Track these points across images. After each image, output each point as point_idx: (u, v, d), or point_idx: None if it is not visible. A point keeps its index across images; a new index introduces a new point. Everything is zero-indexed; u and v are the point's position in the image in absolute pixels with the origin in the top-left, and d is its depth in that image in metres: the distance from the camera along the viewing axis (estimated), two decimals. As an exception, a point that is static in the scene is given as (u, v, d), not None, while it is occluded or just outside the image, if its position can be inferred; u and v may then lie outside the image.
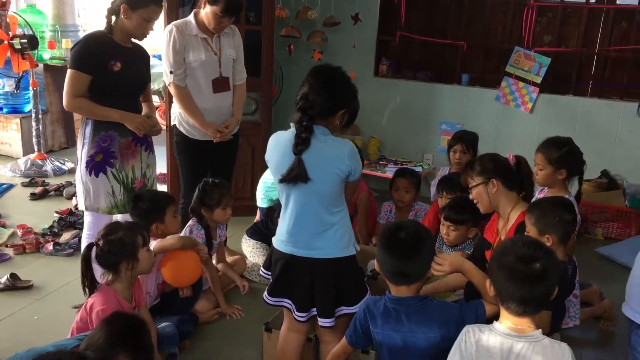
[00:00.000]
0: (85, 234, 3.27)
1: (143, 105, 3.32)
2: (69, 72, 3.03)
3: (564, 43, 5.36)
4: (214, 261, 3.58)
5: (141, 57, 3.26)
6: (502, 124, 5.32)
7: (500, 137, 5.28)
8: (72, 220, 4.43)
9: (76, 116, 6.21)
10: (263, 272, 2.55)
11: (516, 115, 5.26)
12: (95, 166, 3.11)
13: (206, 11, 3.36)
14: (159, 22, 3.20)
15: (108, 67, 3.03)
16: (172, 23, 3.48)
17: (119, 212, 3.23)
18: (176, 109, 3.60)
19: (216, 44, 3.49)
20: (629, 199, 4.76)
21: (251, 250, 3.93)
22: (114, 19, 3.06)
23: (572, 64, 5.37)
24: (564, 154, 3.06)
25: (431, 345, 2.01)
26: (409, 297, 2.04)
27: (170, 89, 3.53)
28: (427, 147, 5.61)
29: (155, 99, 5.87)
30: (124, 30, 3.07)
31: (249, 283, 3.66)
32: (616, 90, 5.24)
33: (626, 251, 4.16)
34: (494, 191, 2.68)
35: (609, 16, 5.18)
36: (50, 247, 4.00)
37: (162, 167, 4.61)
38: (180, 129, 3.60)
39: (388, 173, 5.01)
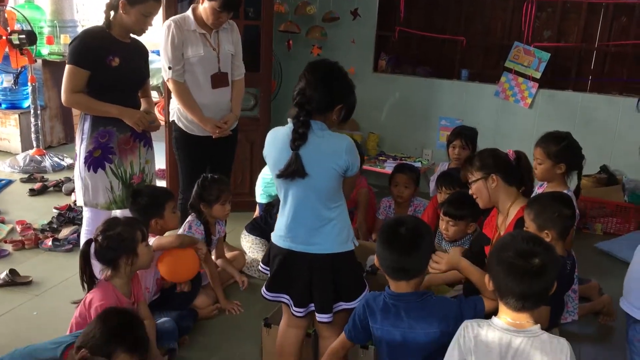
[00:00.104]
0: (84, 229, 3.27)
1: (142, 100, 3.31)
2: (67, 68, 3.02)
3: (564, 38, 5.35)
4: (213, 257, 3.58)
5: (140, 53, 3.25)
6: (502, 119, 5.32)
7: (500, 133, 5.27)
8: (71, 216, 4.43)
9: (75, 112, 6.21)
10: (262, 268, 2.55)
11: (515, 111, 5.26)
12: (93, 162, 3.10)
13: (204, 6, 3.35)
14: (158, 18, 3.19)
15: (106, 63, 3.01)
16: (170, 18, 3.47)
17: (117, 208, 3.23)
18: (175, 105, 3.60)
19: (214, 39, 3.48)
20: (628, 194, 4.76)
21: (250, 246, 3.93)
22: (112, 14, 3.04)
23: (572, 59, 5.37)
24: (562, 148, 3.06)
25: (430, 341, 2.01)
26: (409, 293, 2.05)
27: (169, 85, 3.52)
28: (427, 143, 5.61)
29: (154, 94, 5.87)
30: (122, 25, 3.06)
31: (248, 279, 3.66)
32: (616, 85, 5.24)
33: (625, 246, 4.16)
34: (494, 186, 2.67)
35: (608, 11, 5.17)
36: (50, 243, 4.00)
37: (161, 163, 4.61)
38: (179, 125, 3.60)
39: (387, 168, 5.01)
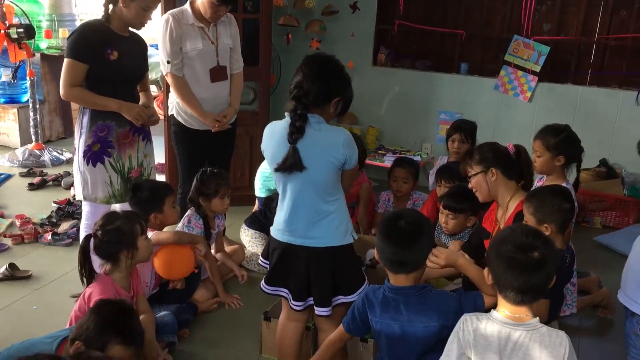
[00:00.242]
0: (83, 223, 3.26)
1: (141, 94, 3.31)
2: (65, 61, 3.01)
3: (563, 31, 5.33)
4: (213, 251, 3.58)
5: (139, 47, 3.24)
6: (501, 113, 5.31)
7: (499, 126, 5.27)
8: (71, 210, 4.43)
9: (74, 106, 6.20)
10: (261, 261, 2.55)
11: (515, 104, 5.25)
12: (92, 156, 3.10)
13: (202, 0, 3.34)
14: (156, 11, 3.17)
15: (105, 56, 3.01)
16: (168, 12, 3.45)
17: (116, 202, 3.22)
18: (174, 99, 3.59)
19: (213, 32, 3.47)
20: (627, 187, 4.76)
21: (250, 240, 3.93)
22: (111, 7, 3.03)
23: (571, 52, 5.36)
24: (561, 140, 3.06)
25: (429, 335, 2.01)
26: (408, 287, 2.05)
27: (168, 79, 3.51)
28: (426, 137, 5.60)
29: (152, 88, 5.85)
30: (122, 19, 3.05)
31: (248, 272, 3.66)
32: (615, 78, 5.23)
33: (624, 240, 4.16)
34: (493, 180, 2.67)
35: (608, 4, 5.15)
36: (49, 237, 4.00)
37: (161, 157, 4.61)
38: (178, 119, 3.59)
39: (386, 162, 5.00)
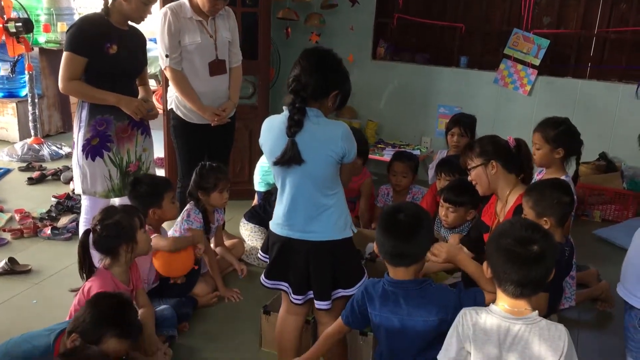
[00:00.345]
0: (82, 218, 3.26)
1: (139, 89, 3.31)
2: (64, 55, 3.00)
3: (563, 24, 5.31)
4: (212, 245, 3.58)
5: (138, 40, 3.23)
6: (501, 106, 5.30)
7: (499, 120, 5.26)
8: (70, 204, 4.43)
9: (72, 100, 6.18)
10: (261, 256, 2.55)
11: (514, 98, 5.24)
12: (91, 150, 3.10)
13: (201, -7, 3.33)
14: (155, 5, 3.16)
15: (104, 50, 3.00)
16: (167, 6, 3.43)
17: (115, 196, 3.22)
18: (173, 93, 3.58)
19: (211, 26, 3.46)
20: (627, 181, 4.76)
21: (249, 234, 3.93)
22: (110, 1, 3.02)
23: (571, 45, 5.34)
24: (560, 132, 3.06)
25: (429, 329, 2.01)
26: (408, 280, 2.04)
27: (166, 73, 3.50)
28: (425, 130, 5.60)
29: (151, 82, 5.84)
30: (122, 12, 3.04)
31: (247, 266, 3.66)
32: (615, 72, 5.22)
33: (623, 233, 4.15)
34: (493, 173, 2.67)
35: (608, -3, 5.15)
36: (49, 232, 4.00)
37: (160, 151, 4.60)
38: (177, 113, 3.58)
39: (386, 156, 4.99)
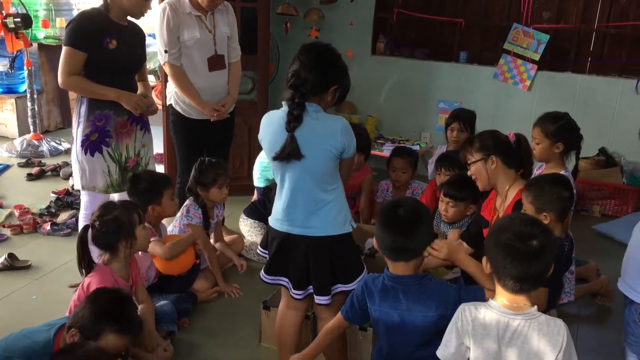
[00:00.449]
0: (82, 213, 3.26)
1: (139, 84, 3.30)
2: (64, 50, 3.00)
3: (563, 19, 5.31)
4: (212, 240, 3.59)
5: (137, 36, 3.23)
6: (500, 101, 5.30)
7: (498, 115, 5.25)
8: (70, 200, 4.43)
9: (71, 96, 6.18)
10: (260, 251, 2.55)
11: (514, 93, 5.24)
12: (90, 145, 3.09)
13: (200, -12, 3.32)
14: (154, 0, 3.16)
15: (103, 45, 2.99)
16: (165, 1, 3.42)
17: (114, 192, 3.23)
18: (172, 88, 3.57)
19: (210, 21, 3.45)
20: (626, 176, 4.76)
21: (249, 230, 3.93)
22: None
23: (571, 40, 5.33)
24: (560, 127, 3.06)
25: (428, 324, 2.01)
26: (408, 276, 2.04)
27: (165, 68, 3.49)
28: (425, 126, 5.59)
29: (150, 78, 5.83)
30: (121, 7, 3.03)
31: (247, 262, 3.66)
32: (615, 67, 5.21)
33: (623, 228, 4.15)
34: (493, 168, 2.66)
35: (608, -8, 5.14)
36: (48, 227, 4.00)
37: (159, 147, 4.60)
38: (177, 108, 3.58)
39: (385, 152, 4.99)
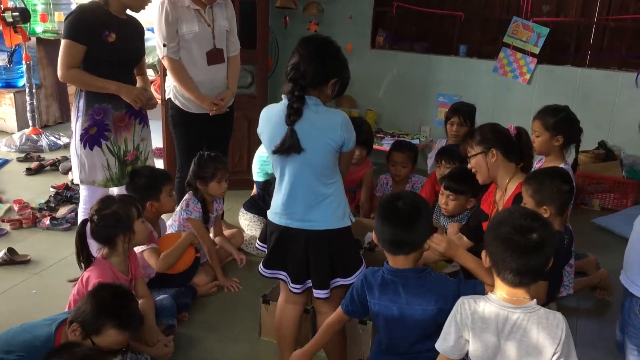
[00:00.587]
0: (81, 208, 3.26)
1: (138, 79, 3.30)
2: (63, 43, 2.99)
3: (563, 12, 5.29)
4: (211, 235, 3.59)
5: (136, 30, 3.22)
6: (500, 95, 5.29)
7: (498, 109, 5.25)
8: (69, 194, 4.42)
9: (70, 90, 6.17)
10: (259, 245, 2.55)
11: (514, 87, 5.23)
12: (89, 139, 3.09)
13: (198, -18, 3.31)
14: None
15: (102, 38, 2.99)
16: (165, -6, 3.42)
17: (114, 185, 3.22)
18: (171, 83, 3.56)
19: (209, 15, 3.44)
20: (626, 169, 4.76)
21: (248, 224, 3.93)
22: None
23: (571, 34, 5.32)
24: (560, 119, 3.06)
25: (427, 318, 2.01)
26: (407, 269, 2.04)
27: (164, 62, 3.48)
28: (425, 119, 5.59)
29: (149, 72, 5.81)
30: (121, 1, 3.02)
31: (247, 256, 3.67)
32: (615, 60, 5.20)
33: (623, 222, 4.16)
34: (493, 161, 2.66)
35: (608, -15, 5.12)
36: (47, 222, 4.00)
37: (158, 142, 4.59)
38: (176, 102, 3.57)
39: (385, 146, 4.98)
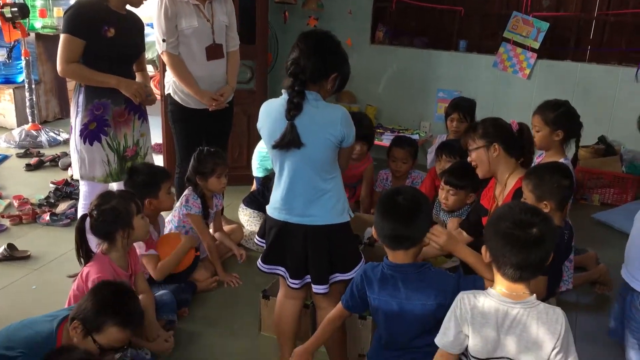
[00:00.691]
0: (81, 203, 3.26)
1: (137, 74, 3.29)
2: (62, 37, 2.99)
3: (563, 7, 5.28)
4: (211, 230, 3.59)
5: (136, 25, 3.22)
6: (500, 90, 5.29)
7: (498, 104, 5.24)
8: (68, 190, 4.42)
9: (70, 86, 6.16)
10: (257, 240, 2.54)
11: (514, 82, 5.22)
12: (89, 134, 3.08)
13: (197, -23, 3.30)
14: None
15: (102, 33, 2.98)
16: (164, -11, 3.41)
17: (113, 181, 3.22)
18: (170, 78, 3.56)
19: (208, 10, 3.43)
20: (626, 164, 4.76)
21: (248, 219, 3.93)
22: None
23: (571, 28, 5.31)
24: (560, 114, 3.06)
25: (427, 313, 2.01)
26: (407, 264, 2.04)
27: (164, 57, 3.48)
28: (425, 115, 5.58)
29: (149, 68, 5.81)
30: None
31: (246, 251, 3.66)
32: (615, 55, 5.19)
33: (622, 217, 4.17)
34: (495, 155, 2.66)
35: (608, -21, 5.11)
36: (47, 218, 4.00)
37: (158, 137, 4.59)
38: (175, 98, 3.56)
39: (385, 141, 4.98)
